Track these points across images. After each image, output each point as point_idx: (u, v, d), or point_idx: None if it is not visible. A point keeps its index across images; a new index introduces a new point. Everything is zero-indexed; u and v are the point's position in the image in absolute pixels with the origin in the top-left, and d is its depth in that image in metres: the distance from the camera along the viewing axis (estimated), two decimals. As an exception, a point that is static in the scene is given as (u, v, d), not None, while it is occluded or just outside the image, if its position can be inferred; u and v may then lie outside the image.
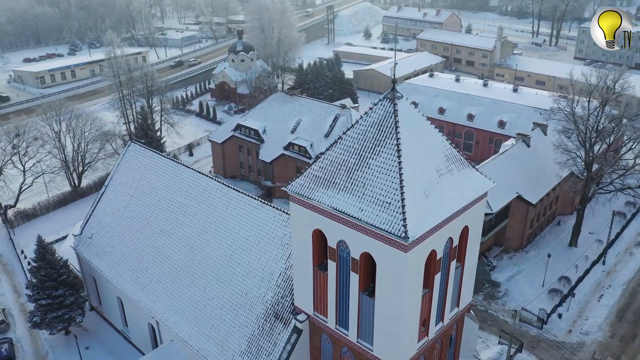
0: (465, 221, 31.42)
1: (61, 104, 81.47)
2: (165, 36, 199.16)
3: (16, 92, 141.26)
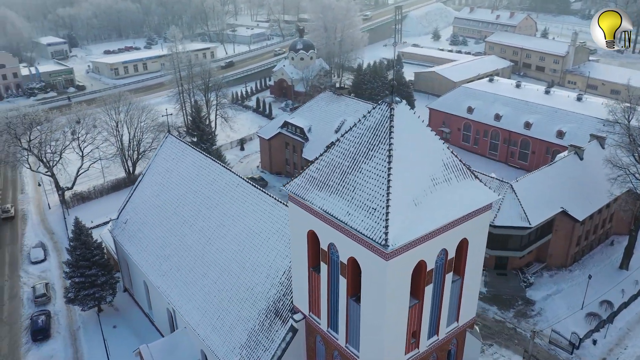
0: (463, 233, 30.21)
1: (120, 95, 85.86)
2: (235, 33, 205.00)
3: (92, 82, 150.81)
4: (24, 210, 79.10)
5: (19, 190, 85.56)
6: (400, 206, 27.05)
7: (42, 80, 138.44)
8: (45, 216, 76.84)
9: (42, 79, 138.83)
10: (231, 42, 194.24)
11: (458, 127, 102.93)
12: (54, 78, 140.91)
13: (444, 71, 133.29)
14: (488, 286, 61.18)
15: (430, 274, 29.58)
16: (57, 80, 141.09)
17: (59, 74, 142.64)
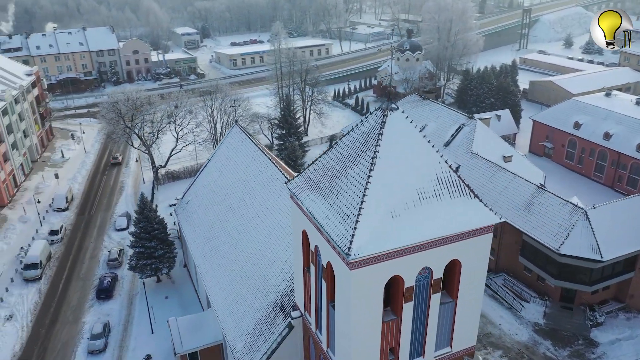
0: (453, 254, 28.42)
1: (217, 87, 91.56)
2: (355, 30, 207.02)
3: (212, 71, 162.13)
4: (122, 182, 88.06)
5: (125, 164, 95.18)
6: (373, 216, 26.24)
7: (167, 67, 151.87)
8: (138, 189, 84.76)
9: (167, 66, 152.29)
10: (348, 40, 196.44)
11: (562, 144, 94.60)
12: (178, 65, 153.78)
13: (563, 81, 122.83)
14: (547, 318, 56.07)
15: (410, 292, 28.26)
16: (181, 67, 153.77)
17: (183, 62, 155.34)
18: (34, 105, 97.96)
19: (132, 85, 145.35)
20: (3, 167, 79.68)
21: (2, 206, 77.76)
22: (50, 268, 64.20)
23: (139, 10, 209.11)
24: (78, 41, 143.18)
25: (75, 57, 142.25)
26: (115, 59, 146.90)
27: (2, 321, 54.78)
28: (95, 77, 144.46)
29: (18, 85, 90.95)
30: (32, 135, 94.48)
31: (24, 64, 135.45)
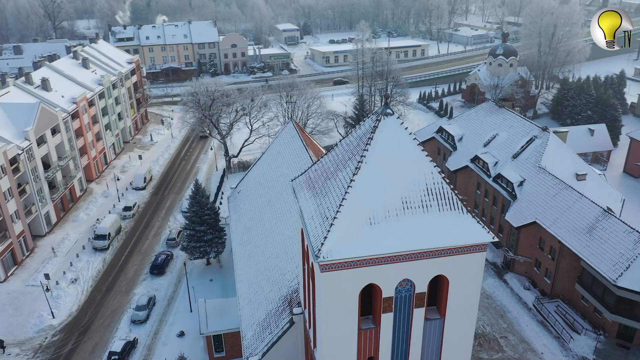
0: (439, 270, 27.32)
1: (293, 84, 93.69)
2: (456, 32, 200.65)
3: (305, 67, 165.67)
4: (198, 167, 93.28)
5: (204, 150, 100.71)
6: (350, 221, 26.00)
7: (262, 61, 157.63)
8: (210, 176, 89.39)
9: (262, 60, 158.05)
10: (447, 42, 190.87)
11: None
12: (273, 60, 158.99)
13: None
14: (598, 354, 51.25)
15: (389, 302, 27.59)
16: (275, 62, 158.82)
17: (278, 57, 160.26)
18: (131, 91, 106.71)
19: (227, 77, 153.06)
20: (95, 146, 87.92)
21: (91, 180, 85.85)
22: (118, 241, 69.95)
23: (245, 6, 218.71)
24: (183, 33, 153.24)
25: (179, 48, 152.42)
26: (215, 52, 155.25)
27: (68, 283, 60.78)
28: (195, 67, 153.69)
29: (117, 72, 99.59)
30: (126, 118, 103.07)
31: (134, 53, 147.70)
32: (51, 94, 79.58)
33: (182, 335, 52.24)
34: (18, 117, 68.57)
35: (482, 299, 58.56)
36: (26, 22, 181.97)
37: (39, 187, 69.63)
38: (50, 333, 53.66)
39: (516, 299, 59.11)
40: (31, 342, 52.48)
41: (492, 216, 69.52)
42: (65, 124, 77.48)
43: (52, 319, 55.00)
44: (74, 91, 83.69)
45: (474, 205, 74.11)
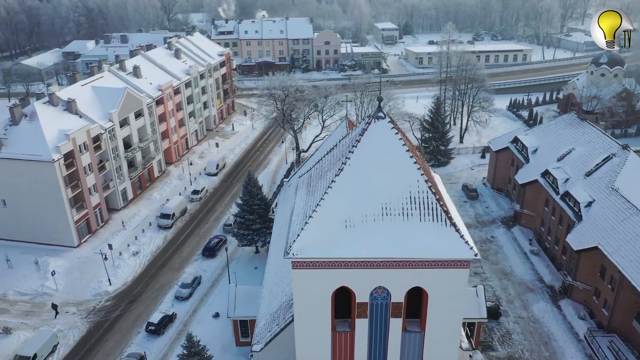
0: (416, 281, 26.50)
1: (366, 85, 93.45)
2: (566, 37, 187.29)
3: (398, 67, 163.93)
4: (270, 159, 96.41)
5: (278, 143, 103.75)
6: (325, 222, 26.11)
7: (353, 59, 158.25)
8: (279, 168, 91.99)
9: (354, 58, 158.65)
10: (555, 47, 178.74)
11: None
12: (364, 59, 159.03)
13: None
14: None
15: (364, 308, 27.24)
16: (367, 61, 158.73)
17: (370, 56, 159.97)
18: (219, 82, 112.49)
19: (318, 73, 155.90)
20: (177, 131, 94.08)
21: (170, 163, 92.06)
22: (181, 221, 74.58)
23: (347, 4, 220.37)
24: (279, 29, 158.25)
25: (275, 43, 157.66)
26: (308, 48, 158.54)
27: (129, 255, 66.04)
28: (288, 62, 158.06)
29: (206, 64, 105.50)
30: (211, 108, 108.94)
31: (232, 46, 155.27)
32: (140, 80, 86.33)
33: (217, 316, 54.75)
34: (106, 100, 75.33)
35: (529, 323, 55.12)
36: (144, 14, 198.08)
37: (118, 165, 76.07)
38: (104, 298, 58.81)
39: (567, 327, 54.79)
40: (87, 304, 57.88)
41: (557, 236, 64.80)
42: (149, 109, 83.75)
43: (108, 286, 60.18)
44: (162, 79, 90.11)
45: (540, 223, 69.53)
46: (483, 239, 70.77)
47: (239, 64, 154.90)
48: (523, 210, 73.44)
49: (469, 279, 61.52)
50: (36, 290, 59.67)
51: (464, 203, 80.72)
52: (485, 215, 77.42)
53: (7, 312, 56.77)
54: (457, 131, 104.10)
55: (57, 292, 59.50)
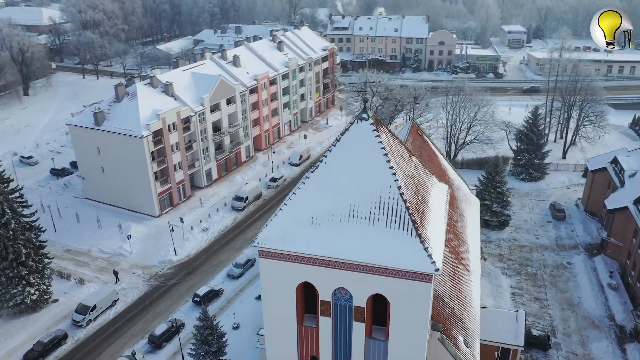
0: (378, 288, 26.07)
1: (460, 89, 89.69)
2: None
3: (516, 73, 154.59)
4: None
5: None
6: (291, 216, 26.70)
7: (467, 62, 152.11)
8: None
9: (467, 60, 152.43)
10: None
11: None
12: (480, 62, 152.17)
13: None
14: None
15: (327, 307, 27.36)
16: (482, 64, 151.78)
17: (485, 59, 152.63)
18: (319, 76, 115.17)
19: (428, 74, 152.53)
20: (269, 120, 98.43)
21: (259, 150, 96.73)
22: (254, 205, 78.40)
23: (474, 4, 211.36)
24: (394, 27, 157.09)
25: (387, 41, 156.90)
26: (421, 47, 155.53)
27: (199, 230, 71.11)
28: (399, 61, 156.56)
29: (307, 57, 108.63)
30: (308, 100, 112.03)
31: (346, 42, 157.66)
32: (238, 69, 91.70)
33: (259, 299, 57.16)
34: (201, 85, 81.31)
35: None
36: (271, 6, 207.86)
37: (206, 147, 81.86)
38: (167, 266, 64.20)
39: (628, 373, 49.02)
40: (152, 269, 63.67)
41: (642, 273, 57.80)
42: (242, 97, 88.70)
43: (174, 255, 65.52)
44: (259, 69, 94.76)
45: (626, 255, 62.35)
46: (556, 264, 65.24)
47: (350, 60, 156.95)
48: (609, 238, 66.32)
49: (522, 301, 57.47)
50: (114, 251, 66.83)
51: (547, 223, 74.82)
52: (568, 238, 71.07)
53: (87, 265, 64.43)
54: (561, 145, 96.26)
55: (130, 255, 66.14)
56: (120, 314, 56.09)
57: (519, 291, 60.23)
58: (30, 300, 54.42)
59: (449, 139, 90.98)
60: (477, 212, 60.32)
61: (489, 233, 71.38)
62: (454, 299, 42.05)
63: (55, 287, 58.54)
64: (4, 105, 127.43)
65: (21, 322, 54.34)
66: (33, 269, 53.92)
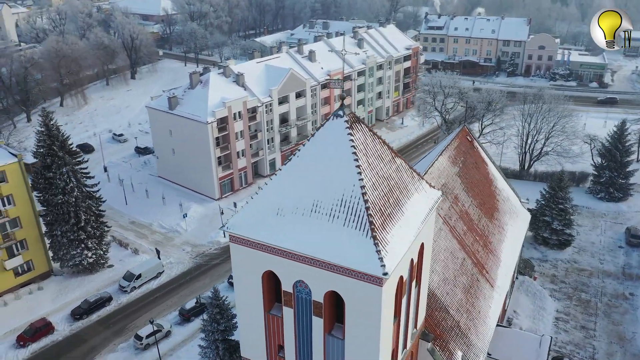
0: (333, 285, 26.13)
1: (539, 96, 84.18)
2: None
3: (625, 84, 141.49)
4: (416, 157, 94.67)
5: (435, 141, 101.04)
6: (260, 205, 27.53)
7: (568, 68, 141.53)
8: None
9: (569, 67, 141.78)
10: None
11: None
12: (583, 69, 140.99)
13: None
14: None
15: (289, 297, 27.86)
16: (585, 72, 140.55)
17: (589, 67, 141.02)
18: (399, 75, 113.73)
19: (524, 79, 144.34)
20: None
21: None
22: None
23: (590, 6, 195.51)
24: (491, 29, 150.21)
25: (483, 43, 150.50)
26: (519, 51, 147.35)
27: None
28: (493, 64, 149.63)
29: (387, 55, 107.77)
30: (385, 99, 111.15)
31: (439, 42, 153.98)
32: (313, 64, 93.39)
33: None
34: (272, 78, 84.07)
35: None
36: (371, 3, 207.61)
37: (271, 137, 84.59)
38: (214, 246, 67.64)
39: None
40: (200, 248, 67.44)
41: None
42: (313, 91, 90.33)
43: (222, 238, 68.75)
44: (334, 65, 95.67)
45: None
46: (617, 294, 59.61)
47: (441, 61, 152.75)
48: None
49: (566, 327, 53.20)
50: (172, 227, 71.64)
51: (617, 248, 68.40)
52: (638, 268, 64.51)
53: (145, 237, 69.76)
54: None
55: (185, 233, 70.54)
56: (162, 285, 60.24)
57: (565, 317, 55.93)
58: (87, 263, 60.15)
59: (524, 148, 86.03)
60: (524, 227, 56.87)
61: (547, 252, 66.81)
62: (463, 313, 40.34)
63: (113, 254, 64.18)
64: (112, 87, 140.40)
65: (77, 281, 60.32)
66: (91, 235, 59.53)
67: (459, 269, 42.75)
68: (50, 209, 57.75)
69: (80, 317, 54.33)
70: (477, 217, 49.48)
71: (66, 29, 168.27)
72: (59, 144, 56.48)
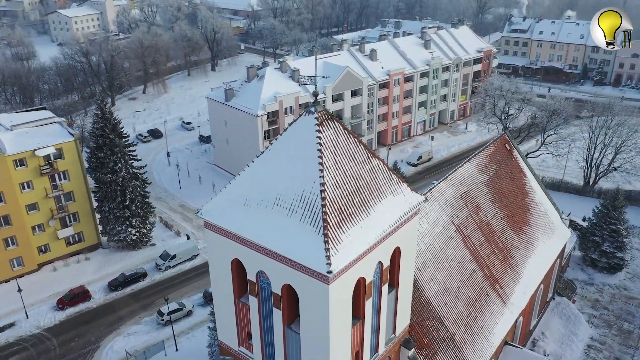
0: (287, 279, 26.48)
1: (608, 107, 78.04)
2: None
3: None
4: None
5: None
6: (231, 195, 28.47)
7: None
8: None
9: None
10: None
11: None
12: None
13: None
14: None
15: (253, 286, 28.62)
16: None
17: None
18: (468, 78, 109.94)
19: (612, 89, 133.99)
20: (399, 117, 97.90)
21: (384, 145, 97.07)
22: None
23: None
24: (580, 33, 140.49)
25: (569, 49, 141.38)
26: (609, 58, 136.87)
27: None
28: (579, 72, 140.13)
29: (455, 57, 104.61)
30: (451, 102, 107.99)
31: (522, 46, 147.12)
32: (373, 63, 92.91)
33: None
34: (328, 75, 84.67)
35: None
36: (456, 4, 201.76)
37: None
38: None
39: None
40: (237, 235, 69.65)
41: None
42: (370, 91, 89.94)
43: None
44: (395, 65, 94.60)
45: None
46: None
47: (522, 66, 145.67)
48: None
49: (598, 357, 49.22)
50: (216, 213, 74.59)
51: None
52: None
53: (189, 221, 73.34)
54: None
55: (227, 219, 73.15)
56: (194, 267, 63.21)
57: (599, 345, 51.90)
58: (131, 239, 64.44)
59: (590, 162, 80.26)
60: (560, 244, 53.24)
61: (594, 274, 62.18)
62: (461, 326, 38.84)
63: (157, 234, 68.23)
64: (192, 78, 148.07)
65: (121, 256, 64.84)
66: (135, 213, 63.67)
67: (466, 280, 41.14)
68: (100, 186, 62.53)
69: (115, 289, 58.47)
70: (501, 229, 47.26)
71: (156, 21, 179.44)
72: (111, 127, 60.91)
